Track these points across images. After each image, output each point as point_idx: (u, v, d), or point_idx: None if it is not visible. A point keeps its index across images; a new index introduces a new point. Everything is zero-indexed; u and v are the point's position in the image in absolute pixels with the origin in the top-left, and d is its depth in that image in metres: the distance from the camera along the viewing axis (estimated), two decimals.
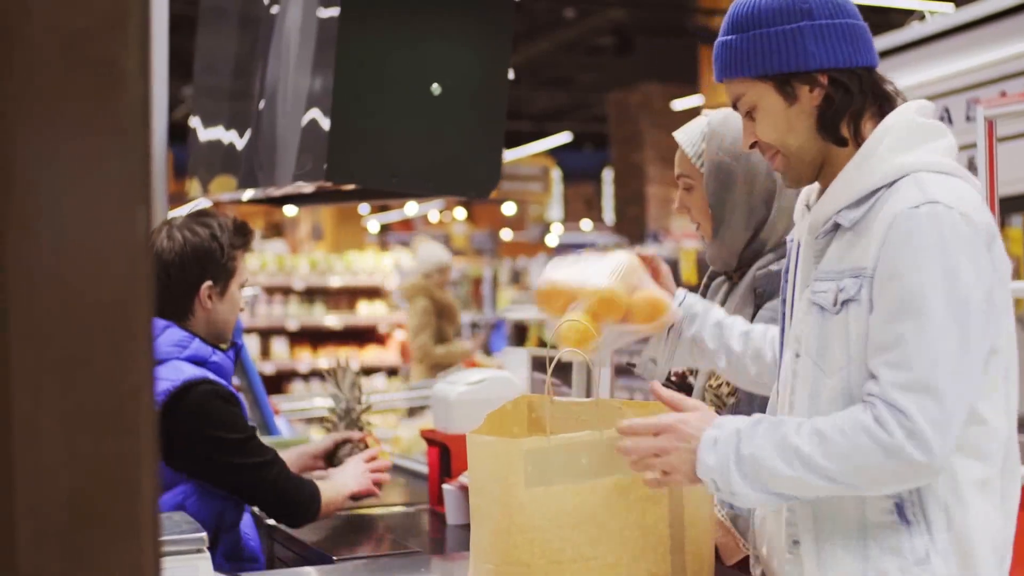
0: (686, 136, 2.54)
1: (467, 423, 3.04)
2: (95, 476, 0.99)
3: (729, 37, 1.93)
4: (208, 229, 2.71)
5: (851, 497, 1.83)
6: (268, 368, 9.39)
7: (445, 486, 3.01)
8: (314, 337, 9.85)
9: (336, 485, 2.87)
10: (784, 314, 2.03)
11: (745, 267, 2.53)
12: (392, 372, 9.94)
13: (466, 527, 2.94)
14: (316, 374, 9.65)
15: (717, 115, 2.52)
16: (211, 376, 2.65)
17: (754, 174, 2.48)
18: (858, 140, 1.90)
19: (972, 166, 4.34)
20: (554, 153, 20.51)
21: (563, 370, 3.02)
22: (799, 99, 1.89)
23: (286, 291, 9.64)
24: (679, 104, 12.68)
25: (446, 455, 3.12)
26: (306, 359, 9.64)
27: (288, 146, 3.28)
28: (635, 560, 2.01)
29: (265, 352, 9.48)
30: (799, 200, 2.07)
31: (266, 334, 9.54)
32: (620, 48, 13.48)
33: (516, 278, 12.92)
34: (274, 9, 3.45)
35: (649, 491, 1.99)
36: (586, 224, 23.78)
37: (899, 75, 4.81)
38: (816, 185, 2.00)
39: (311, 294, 9.81)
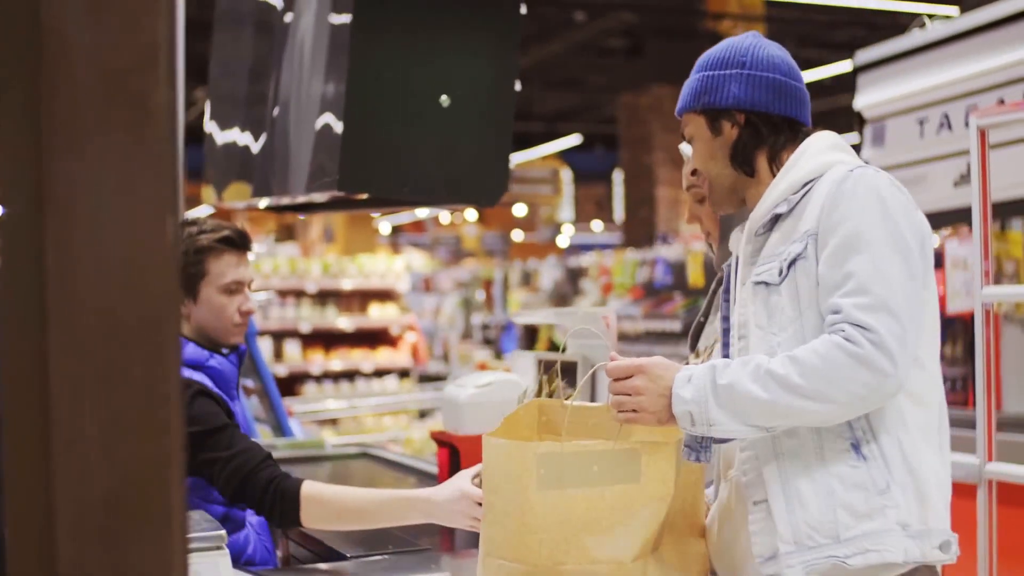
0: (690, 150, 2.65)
1: (475, 425, 3.13)
2: (130, 476, 1.09)
3: (690, 78, 2.27)
4: None
5: (810, 444, 2.03)
6: (281, 370, 9.47)
7: None
8: (326, 339, 9.93)
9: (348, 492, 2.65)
10: (725, 331, 2.24)
11: None
12: (404, 374, 10.03)
13: None
14: (328, 376, 9.73)
15: None
16: (196, 377, 2.71)
17: None
18: (775, 171, 2.21)
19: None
20: (565, 154, 20.54)
21: (568, 372, 3.09)
22: (722, 133, 2.22)
23: (298, 294, 9.73)
24: None
25: (455, 456, 3.20)
26: (319, 361, 9.72)
27: (301, 155, 3.37)
28: (639, 566, 2.08)
29: (278, 354, 9.56)
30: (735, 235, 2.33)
31: (279, 336, 9.62)
32: (631, 51, 13.55)
33: (527, 280, 12.98)
34: (288, 17, 3.54)
35: (656, 500, 2.07)
36: (597, 225, 23.84)
37: (900, 82, 4.89)
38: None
39: (323, 297, 9.90)
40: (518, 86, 3.32)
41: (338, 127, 3.10)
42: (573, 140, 18.69)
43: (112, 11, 1.05)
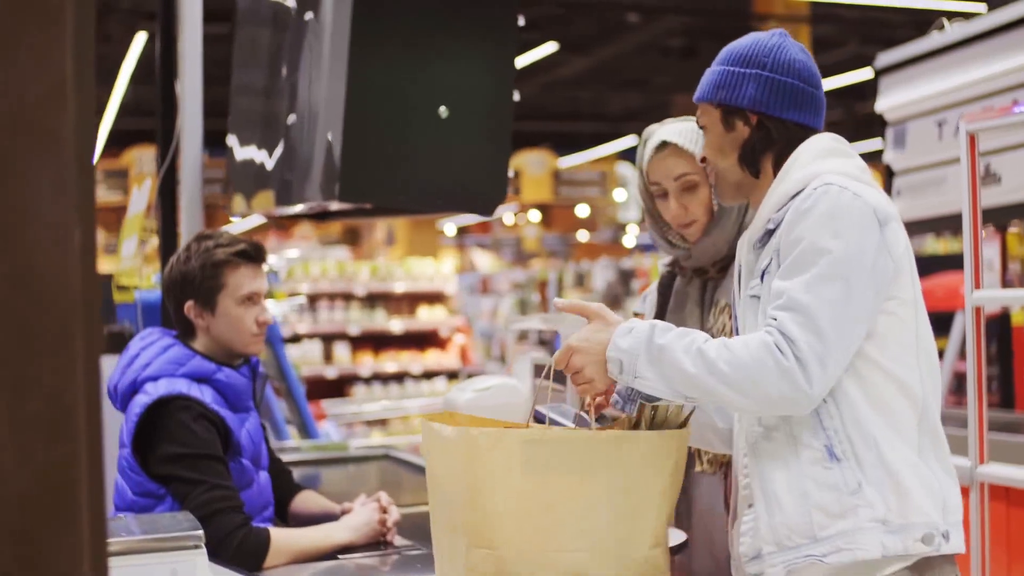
0: (683, 138, 2.68)
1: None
2: (41, 479, 1.18)
3: (711, 68, 2.29)
4: (187, 252, 2.91)
5: (786, 446, 2.11)
6: (331, 372, 9.61)
7: None
8: (376, 341, 10.07)
9: (320, 533, 2.86)
10: (735, 330, 2.33)
11: (726, 261, 2.71)
12: (452, 375, 10.13)
13: None
14: (378, 378, 9.86)
15: None
16: (194, 394, 2.78)
17: None
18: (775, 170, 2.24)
19: (989, 173, 4.42)
20: (631, 153, 20.59)
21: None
22: (734, 129, 2.24)
23: (347, 297, 9.86)
24: None
25: None
26: (368, 363, 9.86)
27: (310, 165, 3.48)
28: (620, 554, 2.14)
29: (327, 356, 9.70)
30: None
31: (328, 339, 9.76)
32: (685, 52, 13.56)
33: (580, 281, 13.05)
34: (296, 30, 3.65)
35: (639, 490, 2.14)
36: None
37: (919, 84, 4.89)
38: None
39: (372, 299, 10.03)
40: (516, 96, 3.40)
41: (338, 139, 3.20)
42: (630, 141, 18.72)
43: (21, 48, 1.14)
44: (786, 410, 2.06)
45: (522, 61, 12.62)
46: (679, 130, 2.69)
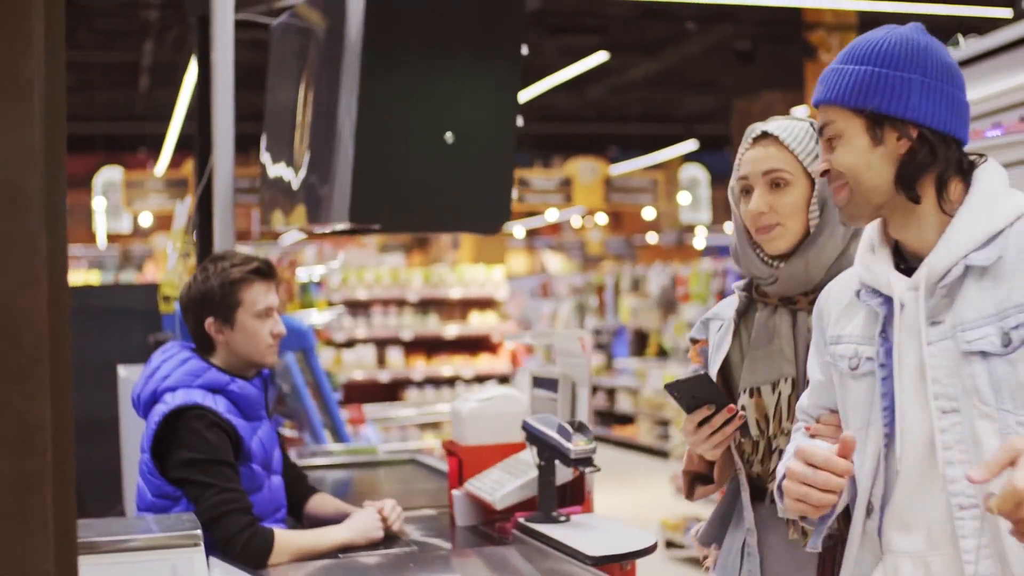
0: (787, 132, 2.33)
1: (476, 436, 3.42)
2: (11, 490, 1.41)
3: (843, 66, 1.97)
4: (204, 272, 3.14)
5: None
6: (384, 376, 9.90)
7: (453, 491, 3.37)
8: (428, 346, 10.34)
9: (321, 533, 3.06)
10: (887, 379, 1.95)
11: (819, 292, 2.21)
12: (503, 380, 10.35)
13: (472, 528, 3.31)
14: (430, 381, 10.12)
15: None
16: (208, 404, 3.00)
17: None
18: (942, 202, 1.93)
19: None
20: (701, 155, 20.66)
21: (551, 385, 3.33)
22: (885, 143, 1.93)
23: (400, 303, 10.14)
24: (799, 113, 12.70)
25: (460, 463, 3.48)
26: (420, 367, 10.12)
27: (332, 187, 3.70)
28: None
29: (381, 361, 10.00)
30: (867, 258, 2.04)
31: (382, 344, 10.05)
32: (745, 56, 13.63)
33: (636, 286, 13.19)
34: (317, 59, 3.88)
35: None
36: (730, 226, 23.77)
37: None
38: (881, 246, 2.02)
39: (425, 305, 10.30)
40: (520, 122, 3.59)
41: (349, 163, 3.42)
42: (690, 145, 18.82)
43: None
44: None
45: (582, 67, 12.80)
46: (784, 125, 2.34)
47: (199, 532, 2.52)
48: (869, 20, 10.72)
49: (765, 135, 2.32)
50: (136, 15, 11.67)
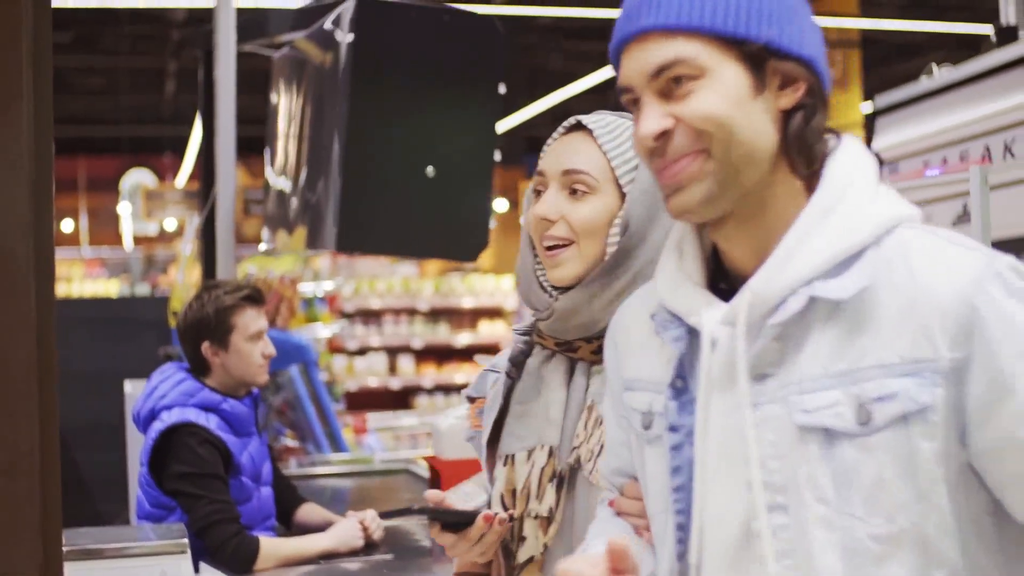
0: (605, 129, 1.78)
1: (454, 451, 3.63)
2: (2, 508, 1.66)
3: None
4: (200, 300, 3.39)
5: None
6: (395, 383, 10.17)
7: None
8: (439, 354, 10.58)
9: (305, 541, 3.29)
10: (679, 447, 1.34)
11: (603, 339, 1.61)
12: None
13: None
14: (440, 389, 10.36)
15: None
16: (201, 421, 3.25)
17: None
18: (809, 182, 1.32)
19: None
20: None
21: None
22: (765, 91, 1.28)
23: (411, 312, 10.39)
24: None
25: (439, 477, 3.70)
26: (431, 375, 10.38)
27: (323, 213, 3.95)
28: None
29: (392, 368, 10.26)
30: (670, 265, 1.40)
31: (393, 352, 10.31)
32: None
33: None
34: (312, 91, 4.13)
35: None
36: None
37: (908, 126, 5.22)
38: (692, 250, 1.39)
39: (436, 314, 10.54)
40: (497, 156, 3.83)
41: (336, 195, 3.67)
42: None
43: None
44: None
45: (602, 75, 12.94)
46: (606, 121, 1.79)
47: (186, 540, 2.77)
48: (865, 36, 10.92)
49: (579, 126, 1.79)
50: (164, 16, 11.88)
